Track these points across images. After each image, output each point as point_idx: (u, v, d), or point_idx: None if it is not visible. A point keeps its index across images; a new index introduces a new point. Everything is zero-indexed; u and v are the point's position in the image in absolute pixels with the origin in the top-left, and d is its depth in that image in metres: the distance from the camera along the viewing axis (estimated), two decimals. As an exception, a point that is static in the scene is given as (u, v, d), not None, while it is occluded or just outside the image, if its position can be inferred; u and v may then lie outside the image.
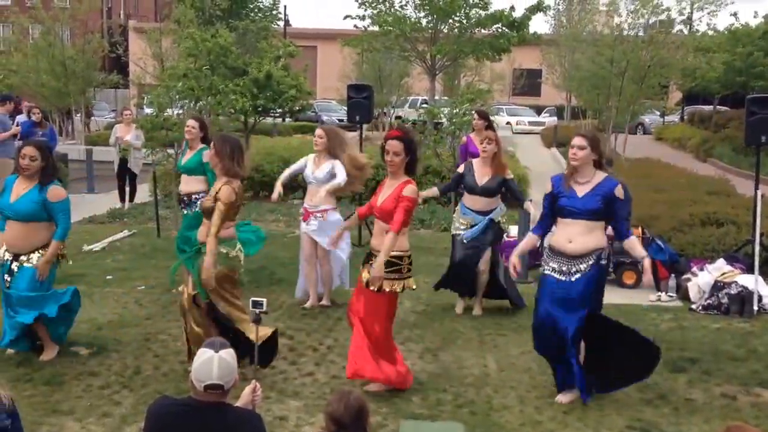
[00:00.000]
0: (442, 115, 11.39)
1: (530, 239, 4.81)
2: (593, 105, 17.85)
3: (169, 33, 12.45)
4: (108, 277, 7.39)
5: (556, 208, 4.58)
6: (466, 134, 8.94)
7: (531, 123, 31.07)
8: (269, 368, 5.07)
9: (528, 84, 35.29)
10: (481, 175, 6.18)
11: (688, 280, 6.92)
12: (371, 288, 4.59)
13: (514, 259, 4.78)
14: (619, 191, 4.47)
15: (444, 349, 5.56)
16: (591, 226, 4.48)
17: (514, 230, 7.54)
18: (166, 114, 9.38)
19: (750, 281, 6.58)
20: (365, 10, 15.74)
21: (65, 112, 18.65)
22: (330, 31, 34.23)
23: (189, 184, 6.54)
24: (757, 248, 6.86)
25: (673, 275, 7.11)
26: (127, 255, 8.35)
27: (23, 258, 5.02)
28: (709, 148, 19.80)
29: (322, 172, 6.31)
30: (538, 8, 15.31)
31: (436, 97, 17.53)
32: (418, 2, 15.18)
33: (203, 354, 2.83)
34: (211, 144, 4.92)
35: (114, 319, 6.08)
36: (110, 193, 11.97)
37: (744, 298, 6.46)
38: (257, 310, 3.70)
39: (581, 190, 4.49)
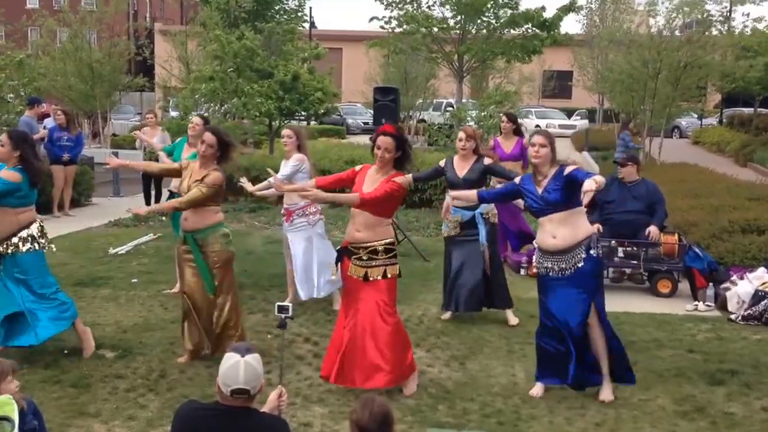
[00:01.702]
0: (469, 118, 11.28)
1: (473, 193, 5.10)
2: (627, 107, 17.53)
3: (195, 36, 12.53)
4: (133, 280, 7.41)
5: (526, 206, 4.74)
6: (493, 137, 8.82)
7: (561, 126, 30.63)
8: (294, 374, 5.03)
9: (558, 86, 34.87)
10: (461, 168, 6.01)
11: (728, 289, 6.70)
12: (376, 277, 4.61)
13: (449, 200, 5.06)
14: (569, 168, 4.51)
15: (471, 358, 5.46)
16: (564, 217, 4.51)
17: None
18: (190, 117, 9.42)
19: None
20: (391, 11, 15.68)
21: (91, 115, 18.90)
22: (355, 33, 34.27)
23: None
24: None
25: (711, 284, 6.89)
26: (152, 258, 8.38)
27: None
28: (749, 152, 19.30)
29: (287, 167, 6.31)
30: (570, 8, 15.06)
31: (463, 100, 17.39)
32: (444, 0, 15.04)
33: (230, 359, 2.84)
34: (210, 133, 5.10)
35: (139, 323, 6.09)
36: (136, 197, 12.07)
37: (786, 307, 6.24)
38: (283, 315, 3.64)
39: (540, 187, 4.59)
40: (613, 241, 7.16)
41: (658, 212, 7.18)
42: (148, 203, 11.31)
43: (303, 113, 12.21)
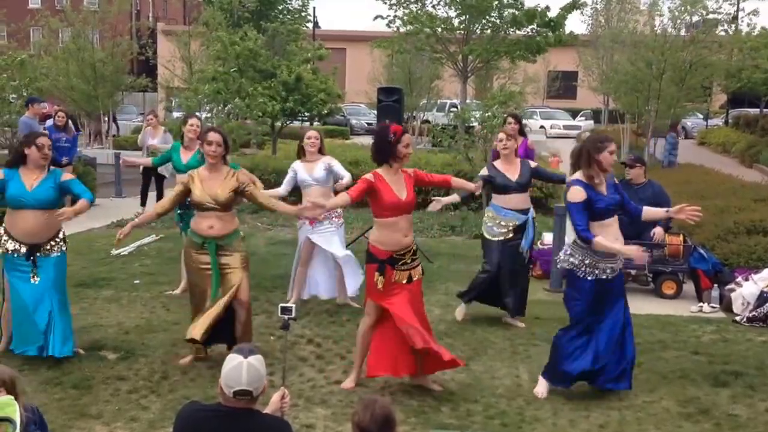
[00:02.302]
0: (473, 119, 11.26)
1: None
2: (632, 108, 17.48)
3: (198, 36, 12.52)
4: (136, 281, 7.40)
5: (593, 212, 4.58)
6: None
7: (566, 127, 30.51)
8: (297, 375, 5.01)
9: (563, 86, 34.79)
10: (511, 171, 6.00)
11: (732, 290, 6.67)
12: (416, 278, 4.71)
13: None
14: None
15: (475, 359, 5.43)
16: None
17: (548, 237, 7.35)
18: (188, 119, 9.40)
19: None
20: (395, 11, 15.65)
21: (94, 116, 18.90)
22: (359, 33, 34.25)
23: None
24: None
25: (716, 285, 6.85)
26: (155, 259, 8.38)
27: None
28: (755, 153, 19.21)
29: (319, 171, 6.30)
30: (573, 6, 15.01)
31: (468, 101, 17.36)
32: (449, 0, 15.00)
33: (232, 360, 2.83)
34: (214, 132, 5.14)
35: (141, 324, 6.08)
36: (138, 198, 12.07)
37: (792, 309, 6.20)
38: (286, 317, 3.63)
39: (603, 189, 4.60)
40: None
41: None
42: (143, 204, 11.23)
43: (306, 114, 12.19)
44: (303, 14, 20.85)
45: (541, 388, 4.80)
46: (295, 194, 6.79)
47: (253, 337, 5.74)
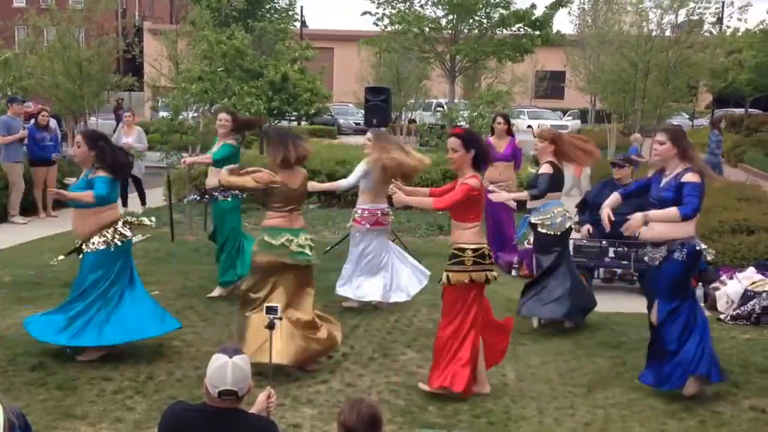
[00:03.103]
0: (461, 118, 11.28)
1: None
2: (619, 108, 17.61)
3: (185, 35, 12.45)
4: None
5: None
6: (486, 137, 8.81)
7: (553, 126, 30.71)
8: (284, 375, 5.00)
9: (551, 86, 34.94)
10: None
11: (717, 289, 6.73)
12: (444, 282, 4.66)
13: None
14: (687, 177, 4.60)
15: (462, 358, 5.44)
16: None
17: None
18: (180, 117, 9.36)
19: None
20: (383, 9, 15.65)
21: (80, 115, 18.73)
22: (347, 33, 34.20)
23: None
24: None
25: (700, 284, 6.91)
26: (141, 260, 8.28)
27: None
28: (740, 152, 19.43)
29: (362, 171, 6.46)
30: (559, 4, 15.07)
31: (456, 100, 17.40)
32: (437, 0, 15.04)
33: (217, 360, 2.82)
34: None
35: (128, 323, 6.02)
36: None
37: (775, 307, 6.26)
38: (271, 316, 3.62)
39: (664, 182, 4.69)
40: (604, 242, 7.17)
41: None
42: (124, 204, 11.03)
43: (293, 113, 12.16)
44: (290, 13, 20.78)
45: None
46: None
47: (240, 336, 5.74)
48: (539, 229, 6.00)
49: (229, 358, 2.80)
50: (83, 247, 5.17)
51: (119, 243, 5.12)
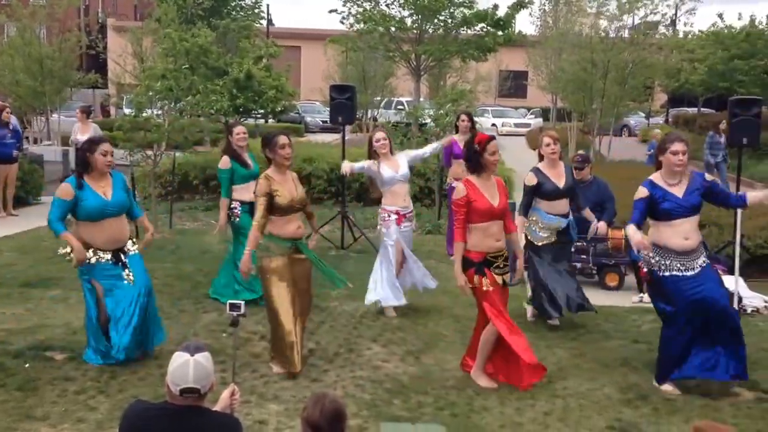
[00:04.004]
0: (426, 116, 11.39)
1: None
2: (578, 107, 17.96)
3: (150, 33, 12.31)
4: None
5: (657, 211, 4.72)
6: (450, 135, 8.92)
7: (517, 125, 31.15)
8: (250, 372, 5.02)
9: (514, 85, 35.39)
10: (557, 176, 6.00)
11: (670, 281, 6.90)
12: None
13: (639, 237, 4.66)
14: (709, 177, 4.89)
15: (426, 352, 5.53)
16: (696, 220, 4.81)
17: None
18: (144, 114, 9.27)
19: (731, 282, 6.60)
20: (350, 8, 15.70)
21: (42, 112, 18.37)
22: (314, 32, 34.10)
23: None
24: (738, 250, 6.89)
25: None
26: (106, 257, 8.22)
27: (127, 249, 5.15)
28: (693, 150, 19.92)
29: (404, 168, 6.34)
30: (521, 5, 15.33)
31: (422, 99, 17.53)
32: (403, 0, 15.16)
33: (178, 358, 2.80)
34: (287, 139, 5.07)
35: (91, 323, 5.97)
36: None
37: (725, 299, 6.45)
38: (234, 313, 3.64)
39: (679, 191, 4.72)
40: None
41: (608, 210, 7.36)
42: None
43: (259, 111, 12.11)
44: (256, 11, 20.64)
45: None
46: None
47: (206, 334, 5.75)
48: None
49: (191, 355, 2.77)
50: (128, 250, 5.15)
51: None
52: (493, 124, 30.51)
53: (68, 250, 5.00)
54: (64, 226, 4.98)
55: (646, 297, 6.96)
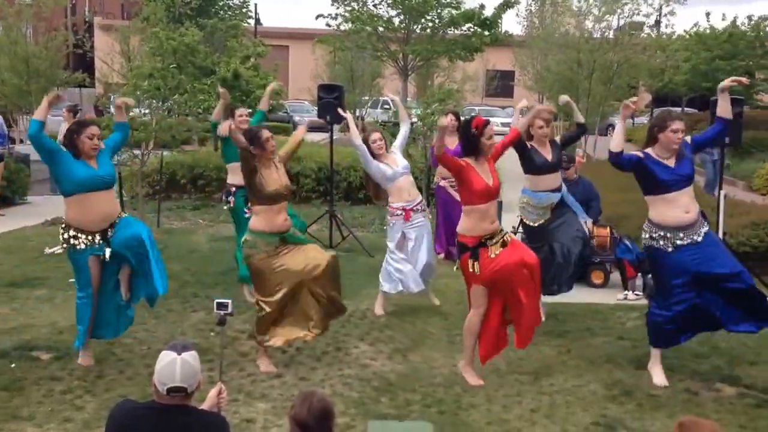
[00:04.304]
0: (413, 115, 11.42)
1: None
2: (564, 107, 18.04)
3: (137, 32, 12.27)
4: (70, 280, 7.16)
5: (653, 182, 4.72)
6: (436, 135, 8.94)
7: (503, 124, 31.34)
8: (237, 370, 5.03)
9: (501, 85, 35.53)
10: (548, 152, 5.96)
11: (654, 278, 6.98)
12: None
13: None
14: (688, 139, 4.87)
15: (414, 350, 5.56)
16: (692, 191, 4.80)
17: None
18: (131, 114, 9.23)
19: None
20: (338, 8, 15.73)
21: (27, 111, 18.23)
22: (302, 31, 34.05)
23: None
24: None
25: (640, 274, 7.19)
26: (93, 257, 8.19)
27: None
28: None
29: (402, 160, 6.37)
30: (507, 5, 15.43)
31: (408, 99, 17.58)
32: (391, 1, 15.23)
33: (166, 356, 2.81)
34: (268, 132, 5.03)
35: (76, 323, 5.94)
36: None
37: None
38: (222, 312, 3.65)
39: (671, 163, 4.75)
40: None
41: (593, 208, 7.44)
42: None
43: (247, 110, 12.10)
44: (244, 11, 20.59)
45: None
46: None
47: (194, 333, 5.75)
48: None
49: (178, 354, 2.78)
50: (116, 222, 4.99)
51: None
52: (481, 123, 30.63)
53: (56, 249, 4.95)
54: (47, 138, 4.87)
55: (630, 294, 7.06)
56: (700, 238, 4.73)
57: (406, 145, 10.46)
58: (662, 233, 4.81)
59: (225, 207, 6.98)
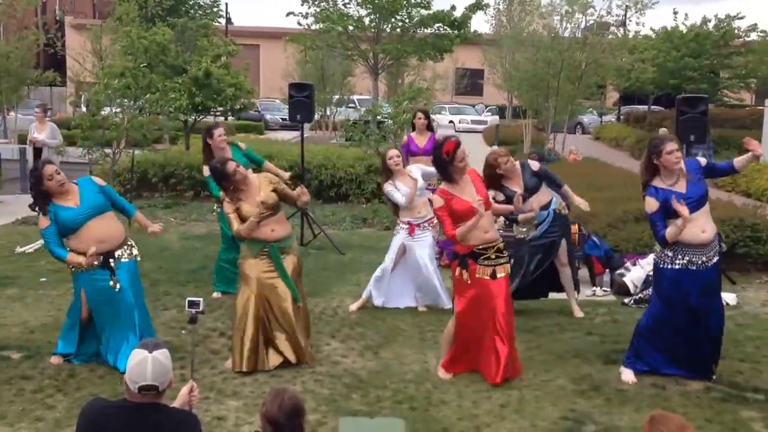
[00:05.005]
0: (386, 115, 11.49)
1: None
2: (533, 105, 18.30)
3: (109, 31, 12.14)
4: (42, 279, 7.15)
5: (672, 211, 4.65)
6: (407, 133, 9.02)
7: (473, 122, 31.63)
8: (209, 368, 5.03)
9: (470, 83, 35.82)
10: (516, 186, 6.06)
11: (622, 275, 7.12)
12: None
13: None
14: (702, 161, 4.88)
15: (385, 347, 5.60)
16: (708, 209, 4.79)
17: None
18: (103, 113, 9.16)
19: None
20: (308, 7, 15.73)
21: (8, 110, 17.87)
22: (273, 30, 33.90)
23: None
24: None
25: (607, 270, 7.32)
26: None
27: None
28: (644, 147, 20.21)
29: (420, 180, 6.36)
30: (477, 6, 15.59)
31: (380, 97, 17.64)
32: (361, 0, 15.27)
33: (137, 355, 2.81)
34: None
35: (48, 322, 5.90)
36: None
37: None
38: (193, 310, 3.66)
39: (681, 188, 4.73)
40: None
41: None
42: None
43: (218, 109, 12.06)
44: (215, 10, 20.46)
45: None
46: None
47: (165, 331, 5.73)
48: None
49: (149, 353, 2.78)
50: (119, 256, 4.98)
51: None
52: (451, 121, 30.87)
53: (27, 249, 4.91)
54: (64, 249, 4.85)
55: (599, 290, 7.19)
56: (710, 263, 4.75)
57: (377, 144, 10.58)
58: (676, 249, 4.77)
59: (214, 212, 6.92)
